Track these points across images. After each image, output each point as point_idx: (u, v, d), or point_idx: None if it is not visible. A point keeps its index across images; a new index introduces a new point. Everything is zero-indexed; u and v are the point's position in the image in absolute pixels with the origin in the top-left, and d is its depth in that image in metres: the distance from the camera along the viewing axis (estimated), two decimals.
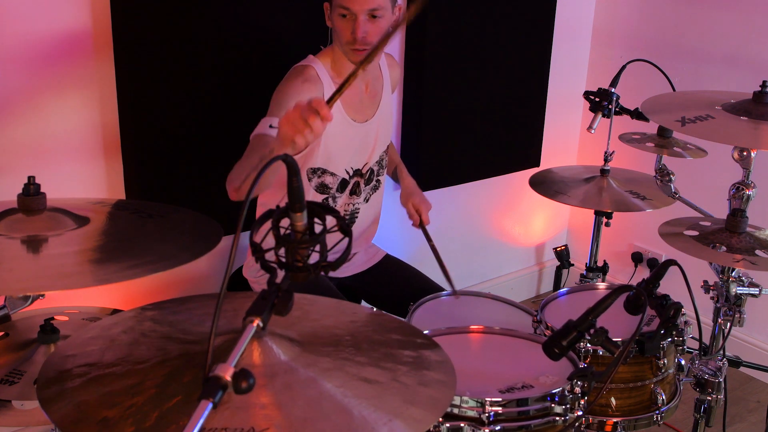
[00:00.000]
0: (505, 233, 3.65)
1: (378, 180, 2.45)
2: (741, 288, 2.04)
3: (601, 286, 2.24)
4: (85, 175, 2.37)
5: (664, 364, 1.92)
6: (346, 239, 1.21)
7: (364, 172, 2.39)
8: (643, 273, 3.53)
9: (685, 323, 1.97)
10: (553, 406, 1.63)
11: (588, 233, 2.96)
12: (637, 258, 3.58)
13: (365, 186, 2.41)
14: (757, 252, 1.96)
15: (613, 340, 1.63)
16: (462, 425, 1.60)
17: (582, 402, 1.67)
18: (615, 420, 1.91)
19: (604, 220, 2.85)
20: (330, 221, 1.22)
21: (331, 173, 2.31)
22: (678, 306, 1.82)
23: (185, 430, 0.95)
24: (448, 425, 1.60)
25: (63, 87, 2.26)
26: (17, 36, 2.15)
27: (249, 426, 1.08)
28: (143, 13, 2.27)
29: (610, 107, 2.63)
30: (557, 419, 1.63)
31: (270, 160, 1.12)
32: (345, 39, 2.16)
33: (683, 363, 1.99)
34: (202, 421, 0.96)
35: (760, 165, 2.13)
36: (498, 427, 1.59)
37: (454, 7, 2.97)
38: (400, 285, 2.46)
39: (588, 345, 1.88)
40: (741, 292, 2.04)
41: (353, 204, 2.40)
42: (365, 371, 1.24)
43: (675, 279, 1.88)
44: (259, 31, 2.51)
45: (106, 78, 2.31)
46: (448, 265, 2.36)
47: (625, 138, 2.57)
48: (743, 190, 2.02)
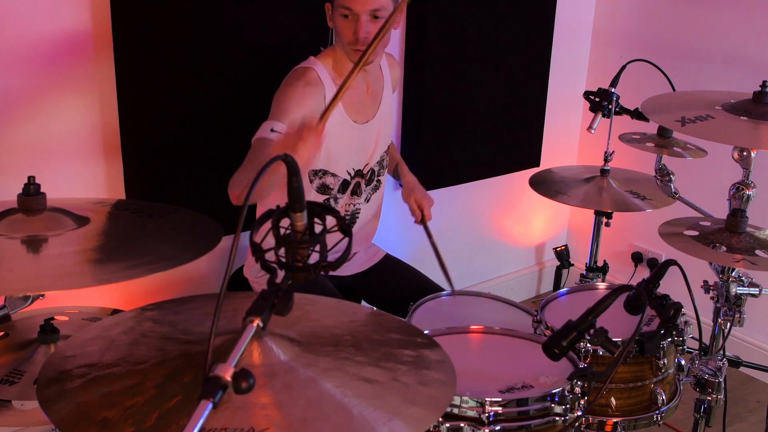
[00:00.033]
0: (505, 233, 3.65)
1: (379, 180, 2.45)
2: (741, 288, 2.04)
3: (601, 286, 2.23)
4: (85, 175, 2.37)
5: (664, 364, 1.92)
6: (346, 239, 1.21)
7: (365, 172, 2.39)
8: (643, 273, 3.53)
9: (685, 323, 1.97)
10: (553, 406, 1.63)
11: (588, 233, 2.96)
12: (637, 258, 3.58)
13: (366, 186, 2.41)
14: (757, 252, 1.95)
15: (613, 340, 1.62)
16: (462, 425, 1.60)
17: (582, 402, 1.67)
18: (615, 420, 1.90)
19: (604, 220, 2.85)
20: (330, 221, 1.22)
21: (333, 174, 2.31)
22: (678, 306, 1.82)
23: (185, 430, 0.95)
24: (448, 425, 1.60)
25: (63, 87, 2.26)
26: (17, 36, 2.15)
27: (249, 426, 1.08)
28: (143, 13, 2.27)
29: (610, 107, 2.63)
30: (557, 419, 1.63)
31: (268, 161, 1.12)
32: (347, 39, 2.16)
33: (683, 363, 1.99)
34: (202, 421, 0.96)
35: (760, 165, 2.13)
36: (498, 427, 1.59)
37: (454, 7, 2.97)
38: (400, 285, 2.46)
39: (588, 345, 1.88)
40: (741, 292, 2.04)
41: (354, 204, 2.40)
42: (365, 371, 1.24)
43: (675, 279, 1.88)
44: (260, 32, 2.51)
45: (106, 78, 2.31)
46: (448, 265, 2.35)
47: (625, 138, 2.57)
48: (743, 190, 2.02)
